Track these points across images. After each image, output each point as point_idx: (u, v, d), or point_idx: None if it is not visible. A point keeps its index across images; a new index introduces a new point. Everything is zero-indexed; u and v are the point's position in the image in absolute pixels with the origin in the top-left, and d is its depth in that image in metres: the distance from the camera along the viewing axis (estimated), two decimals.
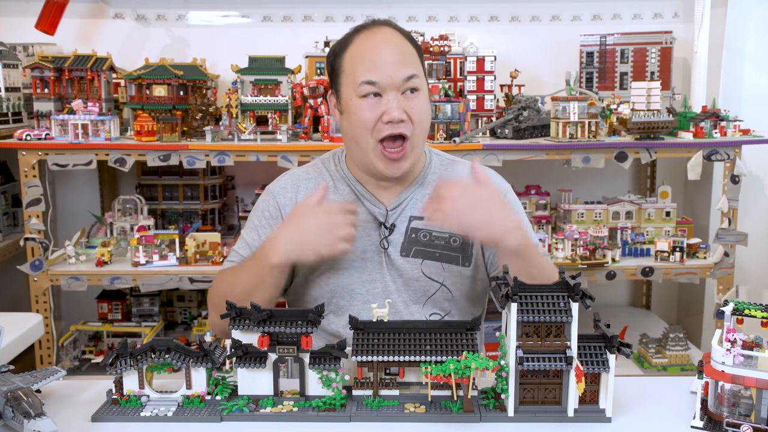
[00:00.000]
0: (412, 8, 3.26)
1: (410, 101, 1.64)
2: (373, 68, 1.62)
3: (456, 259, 1.73)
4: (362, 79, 1.62)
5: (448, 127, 2.73)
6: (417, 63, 1.68)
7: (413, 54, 1.68)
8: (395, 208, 1.74)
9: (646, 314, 3.44)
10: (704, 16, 3.02)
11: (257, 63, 2.85)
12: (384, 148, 1.64)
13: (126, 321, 3.04)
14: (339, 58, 1.70)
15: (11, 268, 2.89)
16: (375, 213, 1.74)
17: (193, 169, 3.09)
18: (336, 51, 1.72)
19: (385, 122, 1.62)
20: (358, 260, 1.73)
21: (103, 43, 3.17)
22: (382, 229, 1.74)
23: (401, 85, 1.63)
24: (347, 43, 1.69)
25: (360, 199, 1.75)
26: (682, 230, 2.96)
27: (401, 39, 1.68)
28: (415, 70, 1.65)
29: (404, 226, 1.74)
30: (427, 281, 1.73)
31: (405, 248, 1.73)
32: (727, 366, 1.25)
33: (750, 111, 3.05)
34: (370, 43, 1.66)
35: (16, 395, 1.27)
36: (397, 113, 1.61)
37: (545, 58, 3.26)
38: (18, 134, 2.70)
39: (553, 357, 1.28)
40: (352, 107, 1.65)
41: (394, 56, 1.63)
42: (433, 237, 1.73)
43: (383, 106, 1.62)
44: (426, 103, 1.69)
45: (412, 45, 1.70)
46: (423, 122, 1.67)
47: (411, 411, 1.33)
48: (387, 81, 1.62)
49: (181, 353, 1.34)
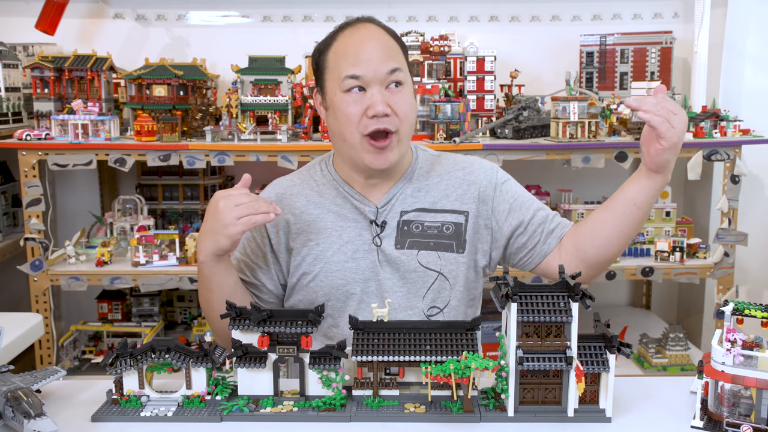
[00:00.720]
0: (412, 8, 3.26)
1: (394, 95, 1.64)
2: (357, 62, 1.62)
3: (450, 246, 1.74)
4: (346, 73, 1.63)
5: (448, 127, 2.73)
6: (401, 58, 1.69)
7: (397, 49, 1.69)
8: (385, 205, 1.74)
9: (646, 314, 3.44)
10: (704, 16, 3.02)
11: (257, 63, 2.85)
12: (370, 140, 1.64)
13: (126, 321, 3.04)
14: (323, 56, 1.71)
15: (11, 268, 2.89)
16: (365, 212, 1.74)
17: (193, 169, 3.09)
18: (320, 49, 1.73)
19: (369, 116, 1.62)
20: (349, 261, 1.73)
21: (103, 43, 3.17)
22: (373, 227, 1.74)
23: (385, 78, 1.63)
24: (331, 41, 1.70)
25: (349, 200, 1.75)
26: (682, 230, 2.96)
27: (385, 35, 1.69)
28: (398, 64, 1.65)
29: (395, 221, 1.74)
30: (424, 271, 1.73)
31: (399, 241, 1.73)
32: (727, 366, 1.25)
33: (750, 111, 3.05)
34: (354, 38, 1.67)
35: (16, 395, 1.28)
36: (382, 107, 1.61)
37: (545, 58, 3.27)
38: (18, 134, 2.70)
39: (553, 357, 1.28)
40: (337, 102, 1.65)
41: (378, 50, 1.64)
42: (425, 227, 1.74)
43: (368, 100, 1.62)
44: (410, 97, 1.69)
45: (395, 41, 1.71)
46: (408, 116, 1.68)
47: (411, 411, 1.33)
48: (371, 75, 1.62)
49: (181, 353, 1.34)
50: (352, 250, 1.73)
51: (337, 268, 1.72)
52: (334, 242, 1.72)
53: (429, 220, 1.74)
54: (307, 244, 1.73)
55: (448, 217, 1.74)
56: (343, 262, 1.72)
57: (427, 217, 1.74)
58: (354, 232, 1.73)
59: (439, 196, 1.76)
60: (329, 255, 1.72)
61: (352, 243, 1.73)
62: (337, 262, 1.72)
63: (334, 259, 1.72)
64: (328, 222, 1.74)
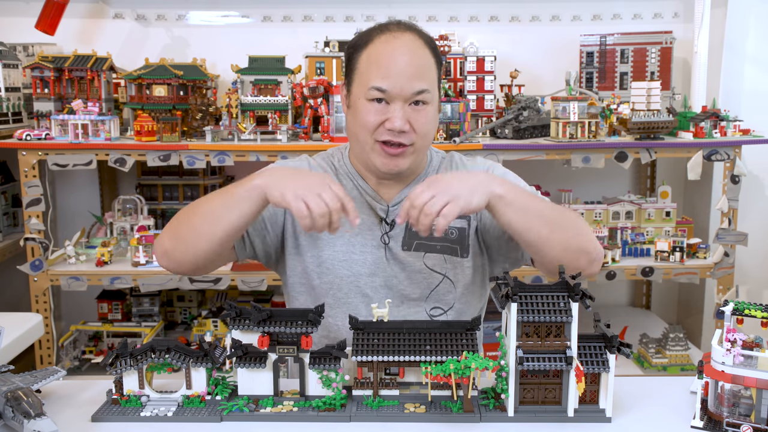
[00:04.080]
0: (412, 8, 3.26)
1: (416, 113, 1.63)
2: (386, 75, 1.61)
3: (455, 250, 1.74)
4: (373, 83, 1.62)
5: (448, 127, 2.73)
6: (432, 76, 1.67)
7: (431, 66, 1.67)
8: (396, 205, 1.75)
9: (646, 314, 3.44)
10: (704, 16, 3.02)
11: (257, 63, 2.85)
12: (383, 145, 1.64)
13: (126, 321, 3.04)
14: (357, 54, 1.69)
15: (11, 268, 2.89)
16: (376, 209, 1.75)
17: (193, 169, 3.09)
18: (355, 45, 1.71)
19: (387, 128, 1.62)
20: (357, 253, 1.74)
21: (103, 43, 3.17)
22: (383, 225, 1.75)
23: (410, 97, 1.62)
24: (368, 41, 1.67)
25: (362, 194, 1.76)
26: (682, 230, 2.96)
27: (422, 48, 1.66)
28: (427, 84, 1.63)
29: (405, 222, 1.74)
30: (430, 273, 1.74)
31: (406, 242, 1.73)
32: (727, 366, 1.25)
33: (750, 111, 3.05)
34: (389, 47, 1.64)
35: (16, 395, 1.27)
36: (400, 123, 1.60)
37: (545, 58, 3.26)
38: (18, 134, 2.70)
39: (553, 357, 1.28)
40: (359, 107, 1.66)
41: (409, 67, 1.62)
42: (431, 231, 1.74)
43: (388, 113, 1.62)
44: (433, 115, 1.69)
45: (432, 54, 1.68)
46: (428, 134, 1.68)
47: (411, 411, 1.33)
48: (396, 91, 1.61)
49: (181, 353, 1.34)
50: (361, 243, 1.74)
51: (344, 258, 1.73)
52: (345, 233, 1.72)
53: (435, 224, 1.74)
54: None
55: (452, 222, 1.73)
56: (350, 253, 1.73)
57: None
58: (365, 227, 1.74)
59: None
60: (338, 245, 1.73)
61: (362, 236, 1.74)
62: (345, 252, 1.73)
63: (342, 249, 1.73)
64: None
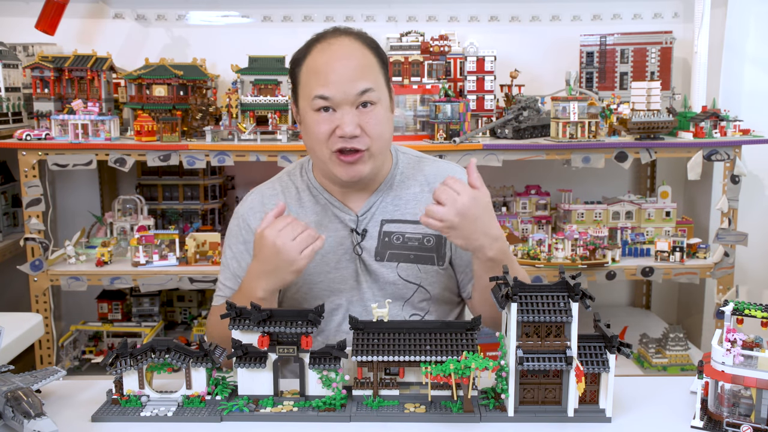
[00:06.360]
0: (412, 8, 3.26)
1: (365, 115, 1.61)
2: (326, 83, 1.59)
3: (431, 259, 1.72)
4: (315, 93, 1.60)
5: (448, 127, 2.73)
6: (376, 74, 1.64)
7: (372, 65, 1.64)
8: (365, 213, 1.72)
9: (646, 314, 3.43)
10: (704, 16, 3.02)
11: (257, 63, 2.85)
12: (339, 154, 1.62)
13: (126, 321, 3.04)
14: (298, 68, 1.67)
15: (11, 268, 2.89)
16: (345, 220, 1.72)
17: (193, 169, 3.08)
18: (296, 60, 1.69)
19: (339, 136, 1.60)
20: (332, 271, 1.71)
21: (103, 43, 3.17)
22: (354, 236, 1.72)
23: (355, 99, 1.60)
24: (305, 55, 1.66)
25: (329, 207, 1.73)
26: (682, 230, 2.96)
27: (361, 50, 1.64)
28: (371, 83, 1.61)
29: (376, 230, 1.72)
30: (404, 284, 1.72)
31: (379, 253, 1.71)
32: (727, 366, 1.25)
33: (750, 111, 3.05)
34: (325, 56, 1.62)
35: (16, 395, 1.28)
36: (350, 128, 1.58)
37: (545, 58, 3.26)
38: (18, 134, 2.70)
39: (553, 357, 1.28)
40: (308, 120, 1.64)
41: (348, 70, 1.59)
42: (406, 239, 1.72)
43: (337, 120, 1.60)
44: (384, 115, 1.65)
45: (373, 54, 1.66)
46: (381, 135, 1.64)
47: (411, 411, 1.33)
48: (340, 96, 1.59)
49: (181, 353, 1.34)
50: (335, 261, 1.71)
51: (320, 279, 1.71)
52: (317, 253, 1.66)
53: (410, 231, 1.72)
54: None
55: (429, 230, 1.67)
56: (326, 273, 1.71)
57: (409, 229, 1.72)
58: (335, 241, 1.71)
59: (421, 207, 1.70)
60: (311, 266, 1.68)
61: (333, 252, 1.71)
62: (320, 272, 1.71)
63: (316, 270, 1.70)
64: None
